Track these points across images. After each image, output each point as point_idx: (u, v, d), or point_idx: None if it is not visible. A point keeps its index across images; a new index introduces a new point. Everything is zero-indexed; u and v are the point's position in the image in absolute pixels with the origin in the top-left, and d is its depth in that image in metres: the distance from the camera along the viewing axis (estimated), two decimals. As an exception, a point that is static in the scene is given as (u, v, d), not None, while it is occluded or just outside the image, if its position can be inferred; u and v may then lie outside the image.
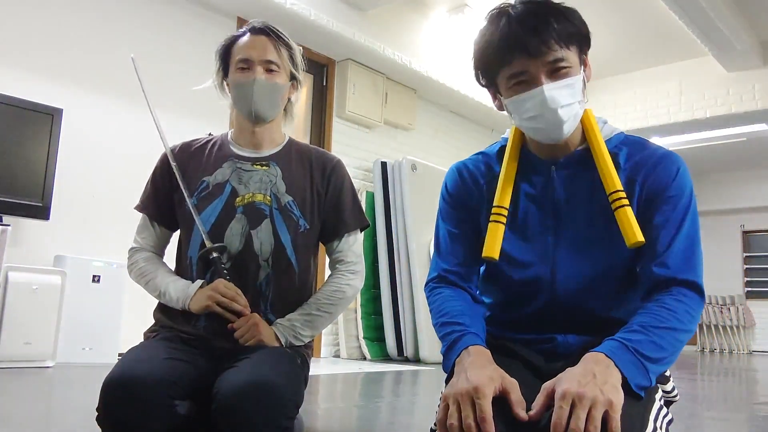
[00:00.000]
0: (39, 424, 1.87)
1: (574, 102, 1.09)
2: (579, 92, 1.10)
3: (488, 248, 1.14)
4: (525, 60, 1.07)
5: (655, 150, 1.16)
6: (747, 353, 9.32)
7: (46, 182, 3.30)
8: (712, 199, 10.06)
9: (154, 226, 1.54)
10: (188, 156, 1.54)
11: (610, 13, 5.38)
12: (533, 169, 1.20)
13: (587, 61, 1.16)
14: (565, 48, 1.07)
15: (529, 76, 1.08)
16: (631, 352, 0.96)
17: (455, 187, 1.26)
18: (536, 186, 1.19)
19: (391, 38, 5.26)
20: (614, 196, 1.10)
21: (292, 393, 1.22)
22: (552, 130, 1.10)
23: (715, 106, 6.37)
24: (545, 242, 1.16)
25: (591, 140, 1.16)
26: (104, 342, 3.42)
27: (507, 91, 1.12)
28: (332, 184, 1.54)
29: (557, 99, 1.07)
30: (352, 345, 5.00)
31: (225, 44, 1.53)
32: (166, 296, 1.44)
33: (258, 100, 1.46)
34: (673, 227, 1.09)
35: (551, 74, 1.08)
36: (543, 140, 1.15)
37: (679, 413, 2.55)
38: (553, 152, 1.18)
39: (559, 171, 1.17)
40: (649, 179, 1.13)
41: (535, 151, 1.20)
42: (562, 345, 1.15)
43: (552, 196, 1.17)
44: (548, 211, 1.17)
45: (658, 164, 1.13)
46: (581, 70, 1.12)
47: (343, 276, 1.54)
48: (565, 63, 1.07)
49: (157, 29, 4.08)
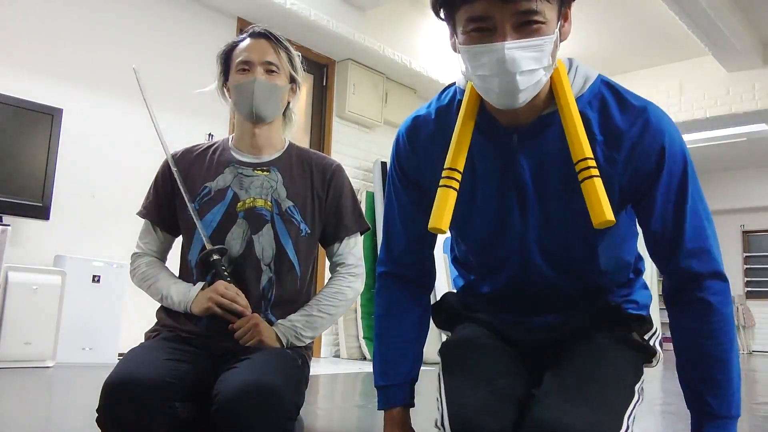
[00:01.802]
0: (39, 424, 1.87)
1: (539, 68, 0.92)
2: (547, 55, 0.92)
3: (435, 218, 0.96)
4: (490, 1, 0.89)
5: (634, 110, 0.99)
6: (747, 353, 9.32)
7: (46, 182, 3.30)
8: (712, 199, 9.91)
9: (156, 232, 1.55)
10: (190, 162, 1.55)
11: (610, 13, 5.38)
12: (492, 137, 1.04)
13: (569, 15, 0.97)
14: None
15: (491, 23, 0.90)
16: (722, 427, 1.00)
17: (406, 149, 1.12)
18: (495, 157, 1.04)
19: (391, 38, 5.26)
20: (581, 165, 0.93)
21: (292, 394, 1.22)
22: (504, 95, 0.93)
23: (715, 106, 6.37)
24: (509, 222, 1.06)
25: (559, 101, 0.98)
26: (104, 342, 3.41)
27: (463, 36, 0.94)
28: (332, 188, 1.55)
29: (518, 62, 0.89)
30: (352, 345, 5.00)
31: (226, 49, 1.54)
32: (168, 300, 1.44)
33: (258, 99, 1.47)
34: (679, 212, 1.00)
35: (518, 27, 0.90)
36: (493, 103, 0.97)
37: (678, 413, 2.55)
38: (515, 116, 1.00)
39: (522, 141, 1.02)
40: (634, 156, 0.99)
41: (494, 113, 1.02)
42: (540, 321, 1.15)
43: (515, 169, 1.03)
44: (510, 187, 1.04)
45: (637, 145, 0.98)
46: (556, 28, 0.93)
47: (343, 278, 1.55)
48: (538, 17, 0.89)
49: (158, 29, 4.08)
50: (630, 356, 1.12)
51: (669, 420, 2.32)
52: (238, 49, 1.51)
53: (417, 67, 5.46)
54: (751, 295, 9.88)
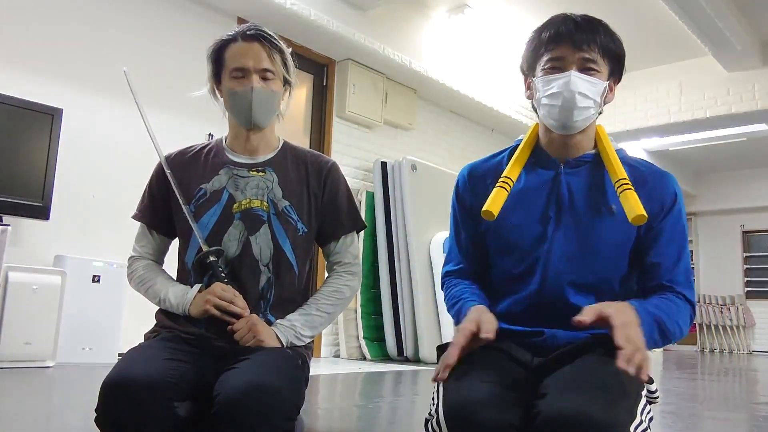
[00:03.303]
0: (39, 424, 1.87)
1: (591, 98, 1.23)
2: (598, 94, 1.25)
3: (489, 204, 1.24)
4: (566, 48, 1.24)
5: (651, 170, 1.30)
6: (747, 353, 9.32)
7: (46, 182, 3.30)
8: (712, 199, 10.06)
9: (152, 234, 1.55)
10: (184, 163, 1.54)
11: (610, 13, 5.34)
12: (543, 163, 1.32)
13: (613, 87, 1.31)
14: (599, 55, 1.24)
15: (563, 63, 1.24)
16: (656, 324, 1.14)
17: (465, 189, 1.39)
18: (543, 177, 1.30)
19: (391, 38, 5.26)
20: (620, 182, 1.21)
21: (292, 395, 1.22)
22: (564, 109, 1.23)
23: (715, 106, 6.37)
24: (545, 229, 1.26)
25: (602, 145, 1.30)
26: (104, 342, 3.41)
27: (541, 72, 1.27)
28: (328, 187, 1.55)
29: (579, 84, 1.22)
30: (352, 345, 5.00)
31: (216, 48, 1.51)
32: (166, 302, 1.44)
33: (256, 109, 1.46)
34: (677, 247, 1.24)
35: (581, 69, 1.23)
36: (555, 123, 1.26)
37: (679, 413, 2.55)
38: (563, 152, 1.31)
39: (566, 168, 1.30)
40: (652, 197, 1.24)
41: (547, 148, 1.33)
42: (549, 339, 1.21)
43: (558, 189, 1.28)
44: (552, 202, 1.28)
45: (659, 183, 1.27)
46: (606, 82, 1.27)
47: (341, 277, 1.55)
48: (595, 66, 1.24)
49: (158, 29, 4.08)
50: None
51: (669, 420, 2.32)
52: (230, 51, 1.49)
53: (417, 67, 5.46)
54: (751, 295, 9.88)
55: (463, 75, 5.90)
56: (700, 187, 10.17)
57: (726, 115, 6.34)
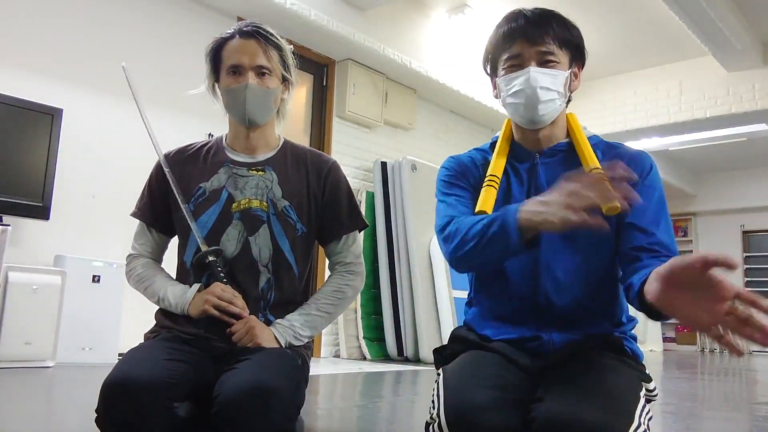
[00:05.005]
0: (39, 424, 1.87)
1: (554, 90, 1.25)
2: (560, 85, 1.26)
3: (482, 203, 1.26)
4: (522, 44, 1.25)
5: (627, 149, 1.31)
6: (747, 353, 9.32)
7: (46, 182, 3.30)
8: (711, 199, 10.06)
9: (151, 233, 1.55)
10: (183, 161, 1.53)
11: (610, 13, 5.38)
12: (520, 157, 1.35)
13: (578, 74, 1.33)
14: (556, 46, 1.26)
15: (522, 59, 1.26)
16: None
17: (455, 166, 1.38)
18: (522, 171, 1.33)
19: (391, 38, 5.26)
20: (594, 171, 1.20)
21: (292, 395, 1.22)
22: (529, 106, 1.25)
23: (715, 106, 6.37)
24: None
25: (574, 134, 1.32)
26: (104, 342, 3.41)
27: (502, 71, 1.30)
28: (329, 186, 1.54)
29: (539, 79, 1.24)
30: (352, 345, 5.00)
31: (214, 46, 1.51)
32: (165, 302, 1.44)
33: (251, 105, 1.46)
34: (657, 210, 1.22)
35: (540, 63, 1.25)
36: (522, 120, 1.29)
37: (679, 413, 2.55)
38: (537, 144, 1.33)
39: (542, 159, 1.32)
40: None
41: (522, 143, 1.36)
42: (547, 344, 1.21)
43: (536, 179, 1.31)
44: (531, 192, 1.28)
45: (632, 161, 1.26)
46: (568, 71, 1.28)
47: (342, 276, 1.55)
48: (553, 57, 1.25)
49: (157, 29, 4.09)
50: (631, 372, 1.17)
51: (669, 420, 2.32)
52: (227, 48, 1.48)
53: (417, 67, 5.46)
54: (751, 295, 9.87)
55: (463, 75, 5.89)
56: (700, 187, 10.17)
57: (726, 115, 6.34)
